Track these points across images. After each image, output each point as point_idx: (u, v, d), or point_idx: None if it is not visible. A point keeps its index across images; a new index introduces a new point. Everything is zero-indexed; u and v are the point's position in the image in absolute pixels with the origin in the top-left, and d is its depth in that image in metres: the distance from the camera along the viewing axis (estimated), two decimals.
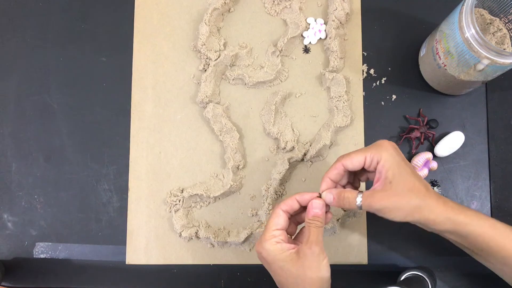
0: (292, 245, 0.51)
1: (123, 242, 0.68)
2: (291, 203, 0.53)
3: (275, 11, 0.70)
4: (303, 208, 0.54)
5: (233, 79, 0.69)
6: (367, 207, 0.50)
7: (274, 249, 0.50)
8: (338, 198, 0.52)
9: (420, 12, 0.69)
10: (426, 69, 0.66)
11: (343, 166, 0.52)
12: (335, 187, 0.54)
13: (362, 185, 0.67)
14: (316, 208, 0.52)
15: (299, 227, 0.56)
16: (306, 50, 0.69)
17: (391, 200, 0.49)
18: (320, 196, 0.53)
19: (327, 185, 0.53)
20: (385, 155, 0.50)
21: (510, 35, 0.61)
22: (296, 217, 0.55)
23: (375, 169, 0.51)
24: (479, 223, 0.50)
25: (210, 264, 0.67)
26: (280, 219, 0.52)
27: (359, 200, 0.50)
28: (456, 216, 0.49)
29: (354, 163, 0.51)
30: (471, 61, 0.54)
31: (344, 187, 0.56)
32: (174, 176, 0.68)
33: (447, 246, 0.66)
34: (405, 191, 0.49)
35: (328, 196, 0.52)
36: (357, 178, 0.56)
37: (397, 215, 0.49)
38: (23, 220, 0.69)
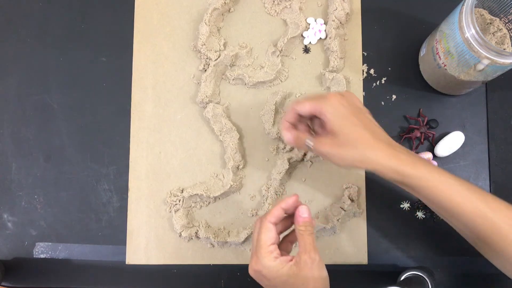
0: (288, 257, 0.50)
1: (123, 242, 0.68)
2: (277, 214, 0.51)
3: (275, 11, 0.70)
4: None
5: (233, 79, 0.69)
6: (316, 150, 0.54)
7: (275, 265, 0.49)
8: (294, 138, 0.55)
9: (420, 12, 0.69)
10: (426, 69, 0.66)
11: (296, 110, 0.55)
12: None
13: (362, 184, 0.67)
14: (304, 213, 0.52)
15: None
16: (306, 50, 0.69)
17: (334, 150, 0.52)
18: (299, 200, 0.53)
19: (285, 127, 0.56)
20: (328, 108, 0.52)
21: (510, 35, 0.61)
22: (278, 226, 0.54)
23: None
24: (427, 176, 0.50)
25: (210, 264, 0.67)
26: (272, 233, 0.51)
27: (308, 141, 0.54)
28: (402, 168, 0.50)
29: (304, 110, 0.54)
30: (471, 61, 0.54)
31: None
32: (174, 176, 0.68)
33: (447, 246, 0.66)
34: (349, 142, 0.51)
35: (287, 136, 0.55)
36: (316, 122, 0.57)
37: (341, 163, 0.52)
38: (23, 220, 0.69)
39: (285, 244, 0.53)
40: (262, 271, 0.50)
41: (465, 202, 0.50)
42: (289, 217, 0.53)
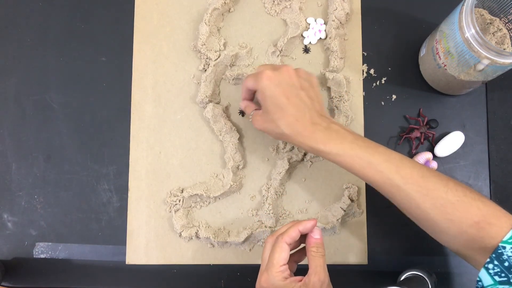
0: (298, 278, 0.51)
1: (123, 242, 0.68)
2: (294, 235, 0.52)
3: (275, 11, 0.70)
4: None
5: (233, 79, 0.69)
6: (252, 123, 0.60)
7: (284, 285, 0.50)
8: (244, 106, 0.62)
9: (420, 12, 0.69)
10: (426, 69, 0.66)
11: (244, 85, 0.60)
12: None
13: (362, 184, 0.67)
14: (316, 234, 0.53)
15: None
16: (306, 50, 0.69)
17: (262, 124, 0.58)
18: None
19: (242, 97, 0.62)
20: (259, 87, 0.56)
21: (510, 35, 0.61)
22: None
23: None
24: (338, 152, 0.53)
25: (210, 264, 0.67)
26: (285, 254, 0.51)
27: (252, 113, 0.60)
28: (314, 145, 0.54)
29: (249, 85, 0.59)
30: (471, 61, 0.54)
31: None
32: (174, 176, 0.68)
33: None
34: (272, 120, 0.56)
35: (241, 104, 0.63)
36: None
37: (270, 136, 0.59)
38: (23, 220, 0.69)
39: (290, 264, 0.53)
40: None
41: (377, 174, 0.52)
42: (300, 237, 0.53)
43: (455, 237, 0.50)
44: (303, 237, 0.53)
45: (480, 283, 0.49)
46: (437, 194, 0.50)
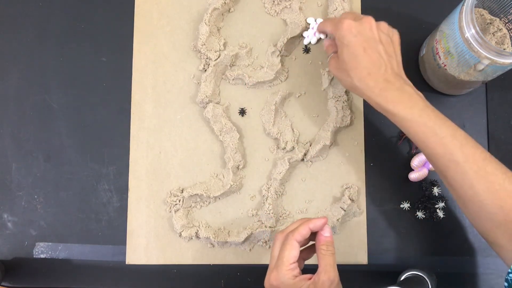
0: (308, 276, 0.51)
1: (123, 242, 0.68)
2: (304, 233, 0.51)
3: (275, 11, 0.70)
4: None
5: (233, 79, 0.69)
6: (328, 66, 0.60)
7: (294, 283, 0.50)
8: (327, 45, 0.61)
9: (420, 12, 0.69)
10: (426, 69, 0.66)
11: (320, 27, 0.63)
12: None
13: (362, 184, 0.67)
14: (327, 232, 0.52)
15: None
16: (306, 50, 0.69)
17: (336, 72, 0.58)
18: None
19: (323, 31, 0.64)
20: (338, 34, 0.56)
21: (510, 35, 0.61)
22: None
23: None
24: (407, 116, 0.52)
25: (210, 264, 0.67)
26: (295, 251, 0.51)
27: (330, 55, 0.60)
28: (385, 105, 0.53)
29: (325, 29, 0.61)
30: (471, 61, 0.54)
31: None
32: (174, 176, 0.68)
33: (447, 246, 0.66)
34: (347, 70, 0.55)
35: (326, 41, 0.63)
36: None
37: (341, 85, 0.60)
38: (23, 220, 0.69)
39: (298, 261, 0.53)
40: (279, 287, 0.50)
41: (440, 146, 0.51)
42: (309, 235, 0.53)
43: (499, 224, 0.49)
44: (313, 235, 0.53)
45: (511, 274, 0.49)
46: (494, 179, 0.49)
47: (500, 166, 0.50)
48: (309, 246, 0.55)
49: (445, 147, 0.50)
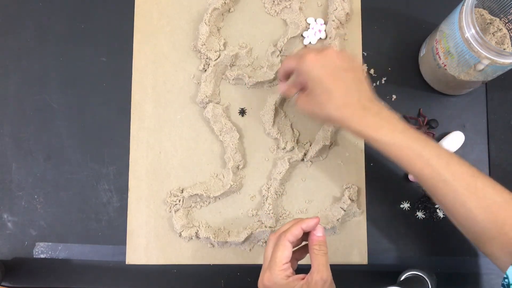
0: (301, 276, 0.51)
1: (123, 242, 0.68)
2: (297, 233, 0.51)
3: (275, 11, 0.70)
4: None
5: (233, 79, 0.69)
6: (296, 105, 0.58)
7: (287, 283, 0.50)
8: (286, 89, 0.60)
9: (420, 12, 0.69)
10: (426, 69, 0.66)
11: (283, 66, 0.60)
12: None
13: (362, 184, 0.67)
14: (319, 232, 0.52)
15: None
16: None
17: (307, 107, 0.56)
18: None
19: (280, 77, 0.60)
20: (304, 68, 0.54)
21: (510, 35, 0.61)
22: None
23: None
24: (388, 141, 0.51)
25: (210, 264, 0.67)
26: (288, 252, 0.51)
27: (295, 96, 0.59)
28: (364, 131, 0.52)
29: (289, 67, 0.58)
30: (471, 61, 0.54)
31: None
32: (174, 176, 0.68)
33: (447, 246, 0.66)
34: (319, 102, 0.54)
35: (281, 86, 0.61)
36: None
37: (315, 120, 0.59)
38: (23, 220, 0.69)
39: (291, 261, 0.53)
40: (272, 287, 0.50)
41: (426, 167, 0.50)
42: (302, 235, 0.53)
43: (493, 238, 0.49)
44: (305, 235, 0.53)
45: (506, 280, 0.48)
46: (484, 194, 0.49)
47: (488, 180, 0.50)
48: (302, 246, 0.56)
49: (432, 167, 0.50)
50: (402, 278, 0.61)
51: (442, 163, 0.50)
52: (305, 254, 0.55)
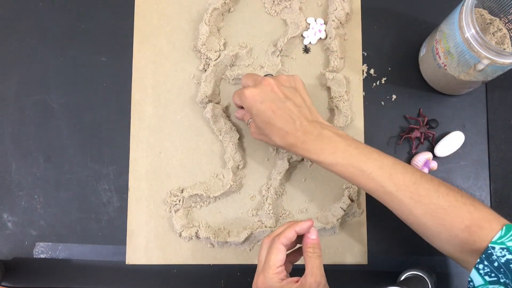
0: (295, 278, 0.51)
1: (123, 242, 0.68)
2: (290, 236, 0.52)
3: (275, 11, 0.70)
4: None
5: (233, 79, 0.69)
6: (249, 131, 0.61)
7: (281, 286, 0.50)
8: (241, 115, 0.62)
9: (420, 12, 0.69)
10: (426, 69, 0.66)
11: (234, 100, 0.61)
12: None
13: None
14: (313, 235, 0.53)
15: None
16: (306, 50, 0.69)
17: (258, 136, 0.59)
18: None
19: (235, 104, 0.62)
20: (247, 105, 0.57)
21: (510, 35, 0.61)
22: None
23: None
24: (330, 161, 0.53)
25: (210, 264, 0.67)
26: (282, 255, 0.51)
27: (248, 123, 0.61)
28: (310, 156, 0.54)
29: (236, 102, 0.60)
30: (471, 61, 0.54)
31: None
32: (174, 176, 0.68)
33: None
34: (265, 133, 0.57)
35: (237, 113, 0.63)
36: None
37: (269, 144, 0.63)
38: (23, 220, 0.69)
39: (285, 264, 0.53)
40: None
41: (370, 182, 0.52)
42: (296, 237, 0.53)
43: (447, 241, 0.51)
44: (300, 238, 0.53)
45: (471, 283, 0.49)
46: (429, 200, 0.50)
47: (431, 184, 0.51)
48: (296, 249, 0.56)
49: (375, 181, 0.52)
50: (402, 278, 0.61)
51: (385, 175, 0.51)
52: (299, 257, 0.55)
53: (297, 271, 0.54)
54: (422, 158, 0.65)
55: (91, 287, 0.68)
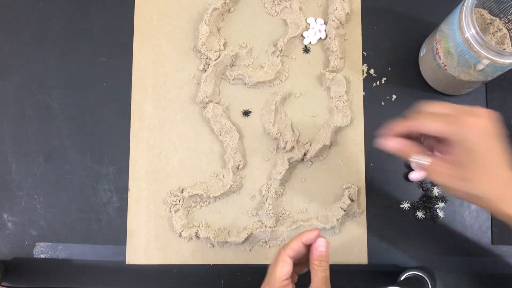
0: None
1: (123, 242, 0.68)
2: (297, 248, 0.50)
3: (275, 11, 0.70)
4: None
5: (233, 79, 0.69)
6: (429, 173, 0.46)
7: None
8: (401, 146, 0.47)
9: (420, 12, 0.69)
10: (426, 69, 0.66)
11: (412, 126, 0.47)
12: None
13: (362, 184, 0.66)
14: (321, 246, 0.50)
15: None
16: (306, 50, 0.69)
17: (448, 180, 0.45)
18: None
19: (388, 134, 0.48)
20: (462, 137, 0.43)
21: (510, 35, 0.61)
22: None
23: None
24: None
25: (210, 264, 0.67)
26: (288, 268, 0.50)
27: (418, 158, 0.46)
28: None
29: (429, 129, 0.45)
30: (471, 61, 0.54)
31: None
32: (174, 176, 0.68)
33: (447, 246, 0.66)
34: (469, 178, 0.43)
35: (391, 143, 0.47)
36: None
37: (451, 192, 0.45)
38: (23, 220, 0.69)
39: (292, 276, 0.52)
40: None
41: None
42: (304, 247, 0.52)
43: None
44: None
45: None
46: None
47: None
48: (304, 260, 0.54)
49: None
50: (402, 278, 0.61)
51: None
52: (305, 268, 0.54)
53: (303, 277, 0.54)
54: None
55: (91, 287, 0.68)
